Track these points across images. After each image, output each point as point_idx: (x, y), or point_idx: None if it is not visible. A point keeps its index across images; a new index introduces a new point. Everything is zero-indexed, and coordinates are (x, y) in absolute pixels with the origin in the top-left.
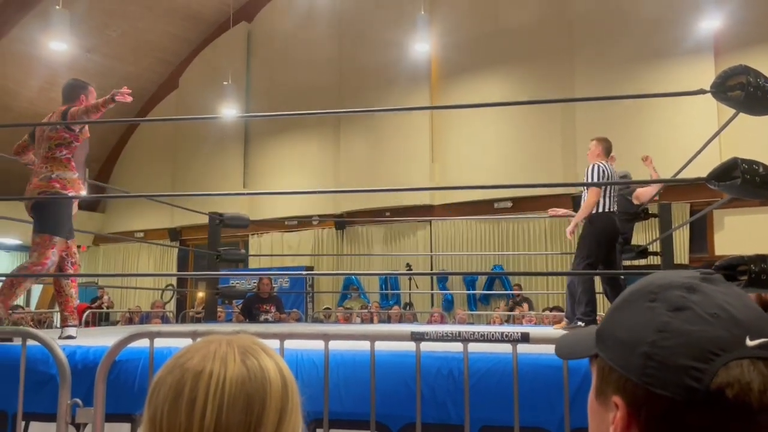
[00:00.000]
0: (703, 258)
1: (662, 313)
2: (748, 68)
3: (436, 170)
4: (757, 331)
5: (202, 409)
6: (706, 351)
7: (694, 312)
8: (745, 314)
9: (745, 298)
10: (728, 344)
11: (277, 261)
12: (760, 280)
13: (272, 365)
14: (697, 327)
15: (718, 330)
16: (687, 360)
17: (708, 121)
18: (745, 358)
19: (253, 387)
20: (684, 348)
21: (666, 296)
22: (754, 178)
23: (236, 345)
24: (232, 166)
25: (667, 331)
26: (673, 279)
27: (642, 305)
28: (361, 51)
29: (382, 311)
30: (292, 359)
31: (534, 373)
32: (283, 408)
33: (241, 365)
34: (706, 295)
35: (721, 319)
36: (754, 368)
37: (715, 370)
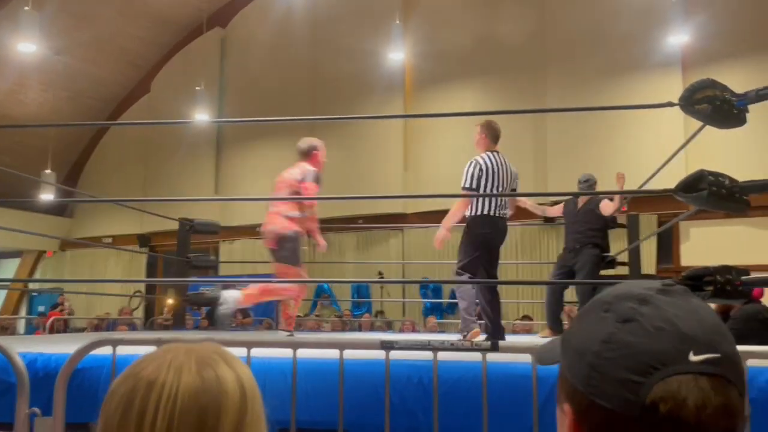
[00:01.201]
0: (669, 268)
1: (610, 324)
2: (714, 82)
3: (409, 179)
4: (704, 346)
5: (152, 421)
6: (645, 364)
7: (639, 324)
8: (694, 328)
9: (702, 311)
10: (669, 358)
11: (249, 268)
12: (725, 290)
13: (231, 376)
14: (640, 339)
15: (660, 343)
16: (626, 372)
17: (675, 133)
18: (685, 373)
19: (208, 399)
20: (625, 360)
21: (618, 307)
22: (720, 190)
23: (195, 355)
24: (203, 172)
25: (612, 342)
26: (631, 290)
27: (597, 315)
28: (335, 59)
29: (353, 319)
30: (260, 367)
31: (504, 382)
32: (241, 421)
33: (197, 376)
34: (656, 307)
35: (666, 333)
36: (693, 384)
37: (652, 384)
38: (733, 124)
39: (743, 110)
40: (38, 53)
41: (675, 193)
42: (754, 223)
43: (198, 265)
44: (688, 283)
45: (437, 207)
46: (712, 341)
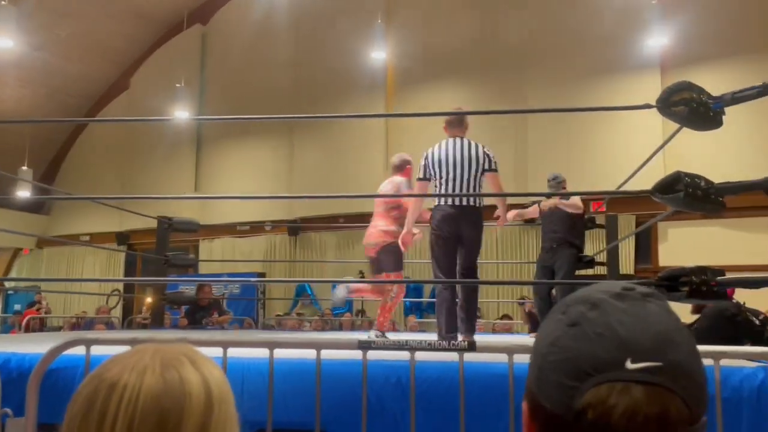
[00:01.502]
0: (647, 268)
1: (560, 327)
2: (691, 84)
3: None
4: (643, 354)
5: (112, 424)
6: (581, 370)
7: (582, 329)
8: (637, 335)
9: (652, 317)
10: (605, 365)
11: (229, 266)
12: (701, 291)
13: (196, 378)
14: (580, 344)
15: (598, 349)
16: (564, 377)
17: (654, 135)
18: (619, 380)
19: (170, 401)
20: (564, 364)
21: (571, 310)
22: (696, 191)
23: (161, 356)
24: (183, 170)
25: (556, 345)
26: (590, 293)
27: (555, 317)
28: (317, 58)
29: (334, 319)
30: (238, 368)
31: (481, 382)
32: (205, 424)
33: (159, 378)
34: (603, 312)
35: (605, 339)
36: (624, 392)
37: (585, 390)
38: (710, 126)
39: (719, 112)
40: (16, 49)
41: (652, 194)
42: (730, 225)
43: (177, 264)
44: (664, 283)
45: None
46: (655, 349)
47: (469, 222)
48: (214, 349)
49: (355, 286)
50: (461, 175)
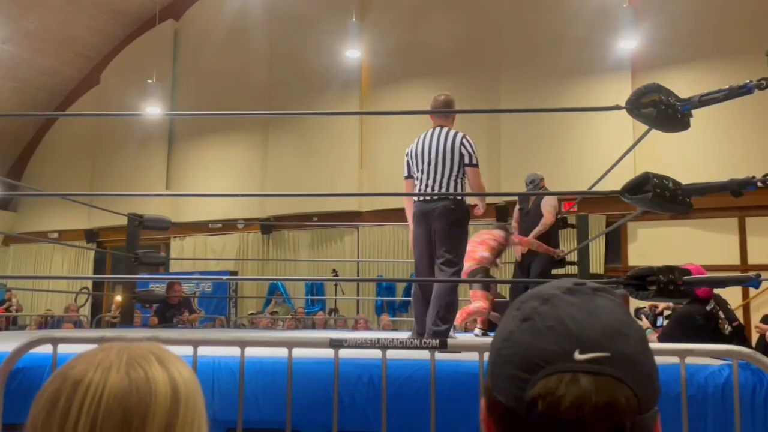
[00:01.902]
0: (617, 268)
1: (514, 323)
2: (660, 87)
3: (364, 177)
4: (592, 345)
5: (75, 422)
6: (532, 362)
7: (534, 323)
8: (585, 328)
9: (601, 311)
10: (554, 356)
11: (200, 265)
12: (668, 290)
13: (163, 377)
14: (531, 338)
15: (548, 342)
16: (516, 370)
17: (624, 136)
18: (568, 371)
19: (134, 400)
20: (515, 358)
21: (525, 306)
22: (664, 192)
23: (127, 354)
24: (154, 166)
25: (509, 340)
26: (543, 289)
27: (511, 313)
28: (292, 55)
29: (306, 317)
30: (208, 366)
31: (453, 380)
32: (170, 423)
33: (124, 376)
34: (554, 306)
35: (555, 332)
36: (573, 382)
37: (535, 381)
38: (678, 128)
39: (687, 114)
40: None
41: (621, 194)
42: (698, 225)
43: (147, 262)
44: (632, 282)
45: (392, 205)
46: (603, 341)
47: (440, 217)
48: (185, 348)
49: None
50: (435, 169)
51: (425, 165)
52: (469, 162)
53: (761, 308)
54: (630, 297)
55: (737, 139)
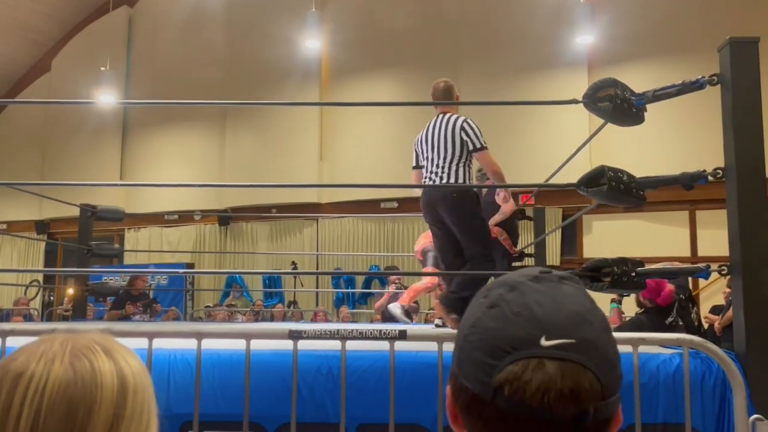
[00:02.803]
0: (572, 260)
1: (480, 309)
2: (616, 81)
3: (324, 169)
4: (558, 332)
5: (17, 415)
6: (499, 348)
7: (501, 310)
8: (552, 314)
9: (567, 298)
10: (521, 342)
11: (156, 257)
12: (622, 281)
13: (109, 368)
14: (498, 324)
15: (515, 328)
16: (483, 356)
17: (580, 131)
18: (534, 357)
19: (79, 392)
20: (483, 344)
21: (492, 293)
22: (618, 185)
23: (71, 345)
24: (108, 156)
25: (476, 326)
26: (510, 277)
27: (478, 300)
28: (250, 45)
29: (265, 310)
30: (164, 359)
31: (412, 371)
32: (118, 415)
33: (68, 367)
34: (521, 293)
35: (522, 318)
36: (539, 367)
37: (502, 367)
38: (632, 122)
39: (642, 109)
40: None
41: (577, 187)
42: (650, 218)
43: (100, 254)
44: (587, 274)
45: (352, 197)
46: (569, 327)
47: (447, 206)
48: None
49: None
50: (438, 156)
51: (429, 152)
52: (473, 147)
53: (710, 299)
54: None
55: (689, 134)
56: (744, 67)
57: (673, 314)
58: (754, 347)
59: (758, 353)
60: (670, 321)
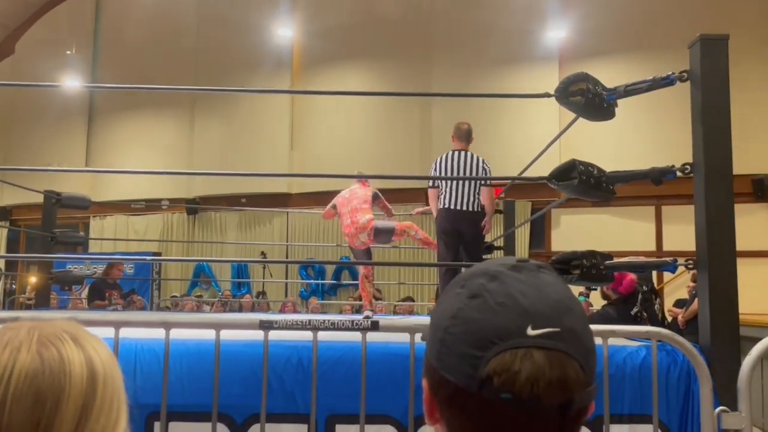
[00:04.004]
0: (541, 253)
1: (460, 300)
2: (588, 76)
3: (295, 158)
4: (543, 321)
5: None
6: (485, 339)
7: (484, 300)
8: (536, 303)
9: (548, 287)
10: (507, 333)
11: (122, 245)
12: (591, 274)
13: (78, 357)
14: (483, 315)
15: (501, 319)
16: (468, 347)
17: (551, 125)
18: (522, 347)
19: (47, 380)
20: (467, 335)
21: (470, 283)
22: (589, 179)
23: (38, 333)
24: (73, 142)
25: (458, 317)
26: (488, 266)
27: (453, 291)
28: (221, 31)
29: (233, 300)
30: (131, 349)
31: (382, 362)
32: (87, 404)
33: (36, 356)
34: (503, 283)
35: (507, 308)
36: (527, 357)
37: (489, 358)
38: (603, 117)
39: (612, 104)
40: None
41: (549, 180)
42: (617, 213)
43: (65, 242)
44: (557, 266)
45: (323, 188)
46: (553, 316)
47: (467, 222)
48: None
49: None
50: (458, 185)
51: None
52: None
53: (674, 292)
54: None
55: (658, 129)
56: (713, 64)
57: (637, 305)
58: (718, 340)
59: (722, 346)
60: (635, 311)
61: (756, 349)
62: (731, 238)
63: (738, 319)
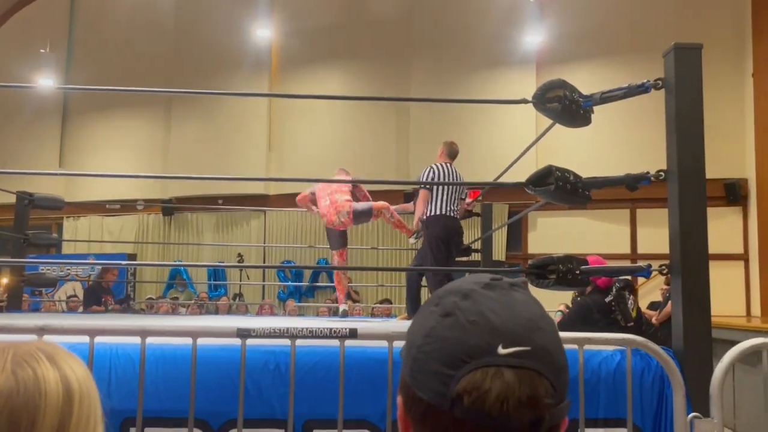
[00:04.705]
0: (518, 255)
1: (434, 318)
2: (565, 82)
3: (272, 159)
4: (513, 339)
5: None
6: (456, 358)
7: (456, 318)
8: (507, 322)
9: (519, 305)
10: (478, 351)
11: (96, 247)
12: (566, 279)
13: (53, 376)
14: (455, 333)
15: (472, 337)
16: (440, 366)
17: (528, 129)
18: (492, 365)
19: (22, 400)
20: (439, 354)
21: (444, 301)
22: (565, 185)
23: (12, 352)
24: (47, 142)
25: (431, 336)
26: (461, 285)
27: (428, 308)
28: (199, 31)
29: (210, 302)
30: (105, 355)
31: (360, 367)
32: (63, 423)
33: (11, 375)
34: (475, 301)
35: (478, 326)
36: (497, 376)
37: (460, 376)
38: (580, 124)
39: (589, 111)
40: None
41: (526, 186)
42: (593, 216)
43: (37, 243)
44: (534, 271)
45: (300, 188)
46: (524, 334)
47: (457, 228)
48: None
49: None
50: (452, 195)
51: (450, 190)
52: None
53: (648, 295)
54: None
55: (633, 135)
56: (687, 73)
57: (612, 293)
58: (692, 345)
59: (695, 351)
60: (609, 300)
61: (728, 356)
62: (704, 245)
63: (710, 324)
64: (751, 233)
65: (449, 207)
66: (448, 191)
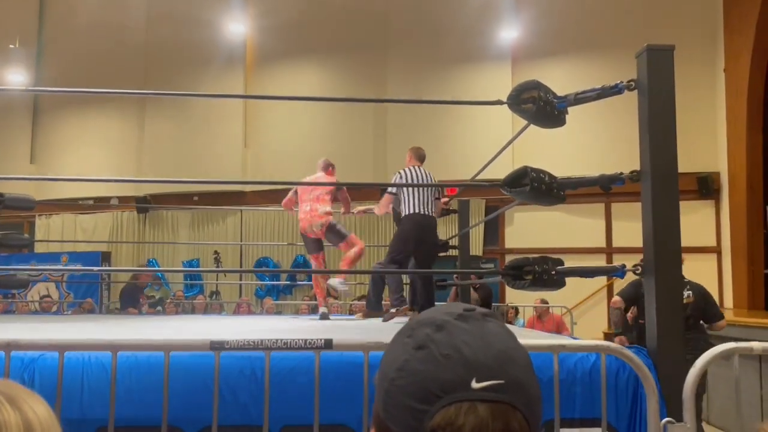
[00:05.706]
0: (494, 250)
1: (407, 351)
2: (539, 84)
3: (248, 156)
4: (486, 373)
5: None
6: (430, 392)
7: (430, 352)
8: (479, 355)
9: (492, 337)
10: (452, 386)
11: (69, 246)
12: (542, 279)
13: (15, 419)
14: (428, 367)
15: (445, 371)
16: (413, 401)
17: (505, 126)
18: (466, 400)
19: None
20: (412, 388)
21: (417, 333)
22: (540, 185)
23: None
24: (17, 139)
25: (404, 369)
26: (435, 315)
27: (401, 340)
28: (172, 25)
29: (185, 301)
30: (77, 363)
31: (336, 371)
32: None
33: None
34: (449, 333)
35: (452, 360)
36: (471, 411)
37: (434, 412)
38: (554, 125)
39: (563, 112)
40: None
41: (501, 187)
42: (569, 210)
43: (8, 244)
44: (510, 272)
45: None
46: (497, 367)
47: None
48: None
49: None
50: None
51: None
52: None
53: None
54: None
55: (607, 134)
56: (660, 74)
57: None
58: (665, 345)
59: (669, 352)
60: None
61: (700, 361)
62: (677, 245)
63: (682, 324)
64: (723, 226)
65: (423, 208)
66: (421, 192)
